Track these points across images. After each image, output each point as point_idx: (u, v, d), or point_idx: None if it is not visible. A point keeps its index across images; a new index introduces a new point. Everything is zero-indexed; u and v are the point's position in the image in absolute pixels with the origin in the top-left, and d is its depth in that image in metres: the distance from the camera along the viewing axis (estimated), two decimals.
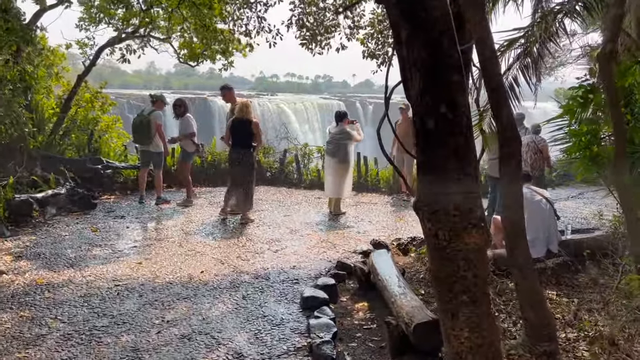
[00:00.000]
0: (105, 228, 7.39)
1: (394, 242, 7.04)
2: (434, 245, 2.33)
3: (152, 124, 8.61)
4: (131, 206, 8.81)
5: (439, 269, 2.33)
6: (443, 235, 2.27)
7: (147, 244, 6.71)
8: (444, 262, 2.29)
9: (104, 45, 10.71)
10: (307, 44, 7.90)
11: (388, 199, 10.37)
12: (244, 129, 7.73)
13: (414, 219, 8.54)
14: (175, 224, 7.73)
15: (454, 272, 2.26)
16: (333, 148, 8.51)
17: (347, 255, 6.39)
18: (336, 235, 7.41)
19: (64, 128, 10.46)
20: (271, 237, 7.17)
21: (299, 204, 9.54)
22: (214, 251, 6.45)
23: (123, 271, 5.63)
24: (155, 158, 8.93)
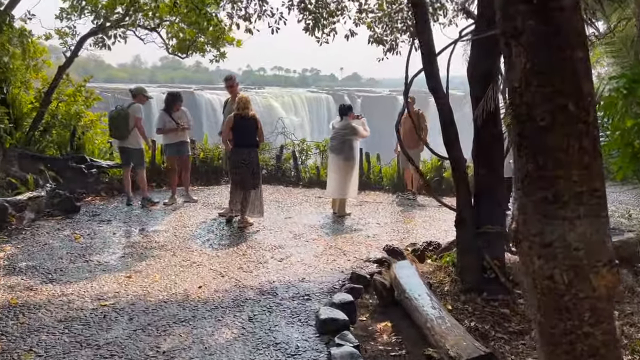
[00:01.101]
0: (89, 235, 6.70)
1: (409, 247, 6.44)
2: (546, 290, 1.70)
3: (130, 117, 7.92)
4: (118, 209, 8.11)
5: (553, 322, 1.70)
6: (561, 276, 1.63)
7: (136, 253, 6.03)
8: (562, 314, 1.67)
9: (86, 34, 9.94)
10: (310, 30, 7.25)
11: (393, 198, 9.76)
12: (248, 126, 7.07)
13: (424, 220, 7.97)
14: (167, 229, 7.05)
15: (575, 328, 1.64)
16: (337, 144, 7.87)
17: (360, 264, 5.77)
18: (344, 240, 6.79)
19: (44, 124, 9.71)
20: (274, 244, 6.53)
21: (300, 205, 8.90)
22: (212, 261, 5.80)
23: (110, 287, 4.96)
24: (134, 155, 8.22)
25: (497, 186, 5.10)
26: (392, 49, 7.42)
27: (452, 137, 5.00)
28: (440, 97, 4.99)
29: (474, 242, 5.03)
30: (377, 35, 7.38)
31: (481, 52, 4.95)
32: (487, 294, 4.93)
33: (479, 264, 5.03)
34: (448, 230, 7.53)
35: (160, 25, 10.29)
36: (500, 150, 5.10)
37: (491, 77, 4.87)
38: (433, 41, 4.94)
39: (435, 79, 4.96)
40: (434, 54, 4.94)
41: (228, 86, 8.15)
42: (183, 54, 10.68)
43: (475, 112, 4.86)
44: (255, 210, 7.30)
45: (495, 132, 5.02)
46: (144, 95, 8.22)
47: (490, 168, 5.07)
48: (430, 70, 4.95)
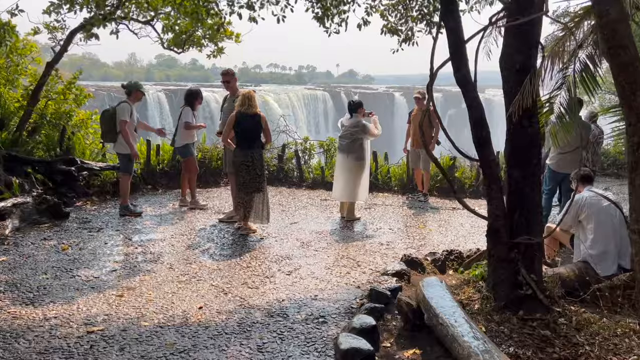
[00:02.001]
0: (78, 245, 6.12)
1: (428, 257, 5.89)
2: None
3: (117, 118, 7.32)
4: (110, 215, 7.53)
5: None
6: None
7: (129, 266, 5.46)
8: None
9: (76, 28, 9.30)
10: (320, 20, 6.66)
11: (403, 200, 9.21)
12: (252, 125, 6.51)
13: (439, 225, 7.43)
14: (163, 238, 6.48)
15: None
16: (347, 144, 7.30)
17: (377, 278, 5.22)
18: (356, 249, 6.24)
19: (32, 124, 9.12)
20: (280, 254, 5.97)
21: (305, 208, 8.34)
22: (213, 275, 5.23)
23: (99, 309, 4.39)
24: (120, 160, 7.63)
25: (533, 191, 4.55)
26: (407, 39, 6.83)
27: (484, 136, 4.44)
28: (469, 91, 4.43)
29: (508, 255, 4.48)
30: (391, 24, 6.79)
31: (516, 41, 4.38)
32: (523, 312, 4.38)
33: (514, 278, 4.48)
34: (466, 235, 7.01)
35: (155, 18, 9.70)
36: (537, 150, 4.55)
37: (527, 69, 4.32)
38: (462, 28, 4.38)
39: (464, 71, 4.40)
40: (463, 43, 4.38)
41: (225, 81, 7.50)
42: (179, 49, 10.06)
43: (509, 109, 4.30)
44: (260, 216, 6.75)
45: (531, 130, 4.46)
46: (138, 91, 7.58)
47: (526, 170, 4.50)
48: (458, 61, 4.38)
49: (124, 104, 7.40)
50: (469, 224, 7.64)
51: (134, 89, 7.54)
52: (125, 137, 7.26)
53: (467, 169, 10.39)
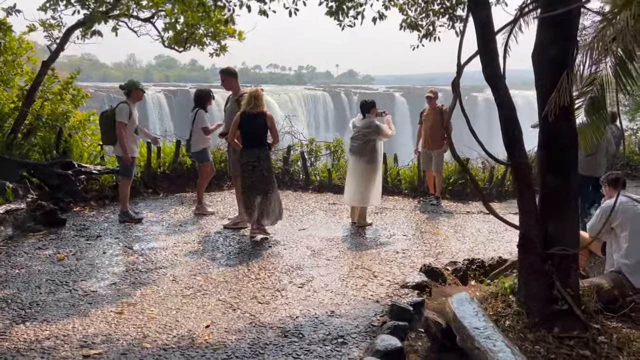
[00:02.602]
0: (75, 254, 5.75)
1: (448, 267, 5.53)
2: None
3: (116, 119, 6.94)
4: (109, 221, 7.16)
5: None
6: None
7: (130, 278, 5.09)
8: None
9: (73, 26, 8.93)
10: (334, 14, 6.28)
11: (414, 204, 8.84)
12: (258, 124, 6.24)
13: (455, 230, 7.06)
14: (165, 246, 6.11)
15: None
16: (359, 146, 6.93)
17: (396, 291, 4.85)
18: (371, 258, 5.86)
19: (27, 125, 8.74)
20: (290, 263, 5.60)
21: (313, 213, 7.97)
22: (219, 288, 4.86)
23: (97, 328, 4.01)
24: (120, 163, 7.28)
25: (569, 197, 4.18)
26: (428, 34, 6.45)
27: (515, 136, 4.08)
28: (500, 89, 4.06)
29: (542, 267, 4.12)
30: (411, 19, 6.40)
31: (551, 33, 4.02)
32: (559, 330, 4.02)
33: (548, 292, 4.12)
34: (485, 242, 6.65)
35: (156, 15, 9.33)
36: (574, 153, 4.18)
37: (564, 64, 3.95)
38: (492, 20, 4.01)
39: (494, 66, 4.04)
40: (494, 36, 4.01)
41: (223, 81, 7.07)
42: (180, 48, 9.69)
43: (546, 107, 3.93)
44: (270, 217, 6.43)
45: (568, 131, 4.09)
46: (137, 90, 7.18)
47: (562, 174, 4.14)
48: (488, 56, 4.02)
49: (123, 105, 7.03)
50: (486, 229, 7.28)
51: (132, 88, 7.16)
52: (120, 140, 6.89)
53: (480, 170, 10.04)
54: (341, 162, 10.35)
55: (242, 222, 6.94)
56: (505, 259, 5.88)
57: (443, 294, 4.95)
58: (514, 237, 6.91)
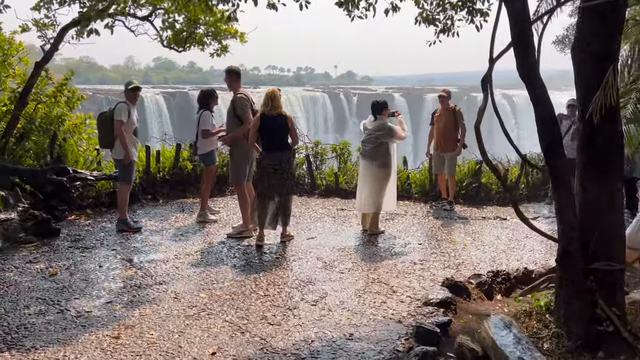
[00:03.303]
0: (69, 268, 5.34)
1: (472, 280, 5.12)
2: None
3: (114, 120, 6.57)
4: (106, 230, 6.74)
5: None
6: None
7: (127, 296, 4.68)
8: None
9: (67, 25, 8.52)
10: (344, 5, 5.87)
11: (427, 209, 8.43)
12: (278, 126, 6.02)
13: (473, 238, 6.67)
14: (166, 258, 5.69)
15: None
16: (371, 149, 6.53)
17: (419, 309, 4.44)
18: (387, 270, 5.46)
19: (20, 129, 8.32)
20: (300, 277, 5.19)
21: (321, 220, 7.55)
22: (225, 307, 4.45)
23: (90, 356, 3.60)
24: (118, 167, 6.91)
25: (613, 207, 3.78)
26: (446, 30, 6.03)
27: (554, 139, 3.68)
28: (536, 86, 3.66)
29: (584, 284, 3.72)
30: (427, 13, 5.98)
31: (595, 25, 3.62)
32: (604, 354, 3.63)
33: (591, 312, 3.72)
34: (506, 251, 6.25)
35: (154, 13, 8.92)
36: (620, 158, 3.77)
37: (609, 59, 3.55)
38: (528, 10, 3.62)
39: (531, 62, 3.63)
40: (530, 28, 3.62)
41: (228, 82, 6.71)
42: (179, 48, 9.29)
43: (590, 107, 3.53)
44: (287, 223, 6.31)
45: (613, 131, 3.69)
46: (127, 91, 6.76)
47: (606, 182, 3.74)
48: (523, 50, 3.62)
49: (121, 104, 6.63)
50: (506, 237, 6.88)
51: (125, 89, 6.79)
52: (121, 139, 6.51)
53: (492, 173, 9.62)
54: (348, 165, 9.95)
55: (246, 230, 6.54)
56: (531, 269, 5.49)
57: (469, 311, 4.56)
58: (535, 245, 6.54)
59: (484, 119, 3.77)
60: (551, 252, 6.23)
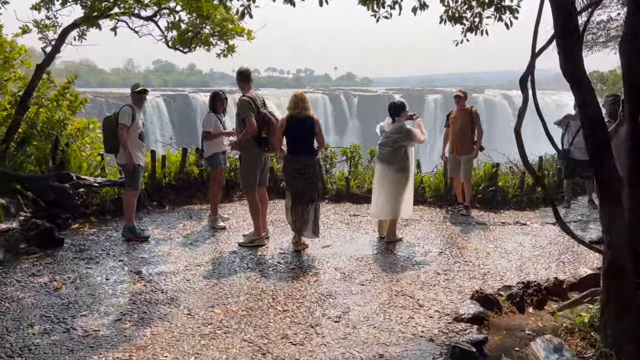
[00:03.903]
0: (74, 282, 5.05)
1: (502, 292, 4.81)
2: None
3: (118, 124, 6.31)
4: (111, 239, 6.45)
5: None
6: None
7: (137, 312, 4.38)
8: None
9: (69, 26, 8.23)
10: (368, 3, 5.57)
11: (442, 214, 8.14)
12: (306, 129, 5.88)
13: (495, 245, 6.39)
14: (176, 270, 5.40)
15: None
16: (389, 153, 6.23)
17: (449, 325, 4.14)
18: (410, 281, 5.16)
19: (21, 134, 8.04)
20: (319, 290, 4.89)
21: (335, 226, 7.26)
22: (242, 324, 4.15)
23: None
24: (124, 173, 6.62)
25: None
26: (473, 28, 5.73)
27: (604, 142, 3.38)
28: (582, 86, 3.37)
29: (636, 299, 3.42)
30: (453, 10, 5.67)
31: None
32: None
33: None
34: (532, 258, 5.95)
35: (159, 13, 8.63)
36: None
37: None
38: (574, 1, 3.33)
39: (577, 59, 3.35)
40: (576, 22, 3.33)
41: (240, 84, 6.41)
42: (185, 48, 9.00)
43: None
44: (309, 230, 6.07)
45: None
46: (133, 93, 6.52)
47: None
48: (567, 43, 3.33)
49: (125, 108, 6.37)
50: (529, 243, 6.59)
51: (131, 92, 6.53)
52: (124, 143, 6.24)
53: (509, 176, 9.34)
54: (359, 169, 9.67)
55: (258, 239, 6.26)
56: (561, 279, 5.20)
57: (501, 326, 4.27)
58: (562, 252, 6.24)
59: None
60: (579, 260, 5.96)
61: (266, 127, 6.06)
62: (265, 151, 6.22)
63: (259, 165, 6.29)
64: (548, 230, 7.31)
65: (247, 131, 6.00)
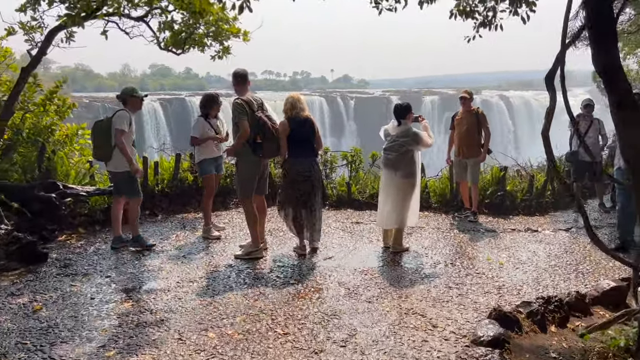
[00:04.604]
0: (56, 302, 4.65)
1: (521, 308, 4.42)
2: None
3: (112, 130, 5.95)
4: (99, 253, 6.06)
5: None
6: None
7: (123, 338, 3.98)
8: None
9: (56, 27, 7.84)
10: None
11: (449, 220, 7.76)
12: (307, 131, 5.77)
13: (508, 255, 6.02)
14: (167, 287, 5.00)
15: None
16: (395, 157, 5.86)
17: (467, 349, 3.76)
18: (420, 297, 4.78)
19: (6, 141, 7.64)
20: (322, 308, 4.50)
21: (336, 235, 6.88)
22: (239, 350, 3.75)
23: None
24: (120, 180, 6.19)
25: None
26: (486, 23, 5.34)
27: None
28: (619, 80, 3.00)
29: None
30: (464, 4, 5.29)
31: None
32: None
33: None
34: (548, 269, 5.58)
35: (150, 13, 8.25)
36: None
37: None
38: None
39: (613, 53, 2.97)
40: (612, 12, 2.96)
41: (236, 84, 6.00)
42: (178, 50, 8.61)
43: None
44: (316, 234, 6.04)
45: None
46: (133, 97, 6.16)
47: None
48: (600, 35, 2.95)
49: (122, 112, 6.01)
50: (543, 252, 6.22)
51: (128, 96, 6.14)
52: (123, 150, 5.88)
53: (517, 180, 8.98)
54: (360, 173, 9.29)
55: (256, 251, 5.88)
56: (583, 293, 4.82)
57: (523, 347, 3.88)
58: (580, 262, 5.86)
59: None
60: (598, 270, 5.60)
61: (261, 132, 5.67)
62: (261, 158, 5.83)
63: (256, 172, 5.90)
64: (561, 237, 6.94)
65: (240, 136, 5.64)
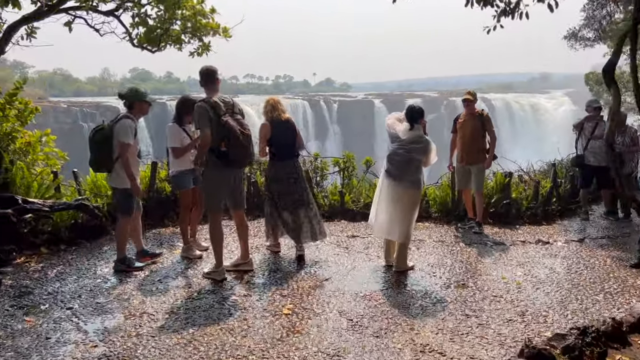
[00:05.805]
0: (1, 345, 3.88)
1: (554, 342, 3.77)
2: None
3: (114, 140, 5.24)
4: (62, 278, 5.29)
5: None
6: None
7: None
8: None
9: (15, 22, 7.07)
10: None
11: (452, 231, 7.13)
12: (289, 132, 5.72)
13: (524, 272, 5.42)
14: (139, 323, 4.25)
15: None
16: (400, 164, 5.19)
17: None
18: (435, 329, 4.10)
19: None
20: (323, 347, 3.80)
21: (332, 251, 6.19)
22: None
23: None
24: (116, 196, 5.55)
25: None
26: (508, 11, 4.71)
27: None
28: None
29: None
30: None
31: None
32: None
33: None
34: (573, 290, 4.97)
35: (121, 7, 7.51)
36: None
37: None
38: None
39: None
40: None
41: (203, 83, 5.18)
42: (153, 47, 7.90)
43: None
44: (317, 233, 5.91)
45: None
46: (142, 102, 5.47)
47: None
48: None
49: (126, 121, 5.25)
50: (561, 268, 5.61)
51: (135, 100, 5.41)
52: (125, 166, 5.18)
53: (521, 187, 8.39)
54: (353, 180, 8.63)
55: (216, 272, 5.18)
56: (619, 320, 4.19)
57: None
58: (604, 280, 5.24)
59: None
60: (627, 289, 5.00)
61: (226, 138, 4.88)
62: (230, 167, 5.07)
63: (223, 184, 5.13)
64: (576, 249, 6.35)
65: (200, 145, 4.94)
